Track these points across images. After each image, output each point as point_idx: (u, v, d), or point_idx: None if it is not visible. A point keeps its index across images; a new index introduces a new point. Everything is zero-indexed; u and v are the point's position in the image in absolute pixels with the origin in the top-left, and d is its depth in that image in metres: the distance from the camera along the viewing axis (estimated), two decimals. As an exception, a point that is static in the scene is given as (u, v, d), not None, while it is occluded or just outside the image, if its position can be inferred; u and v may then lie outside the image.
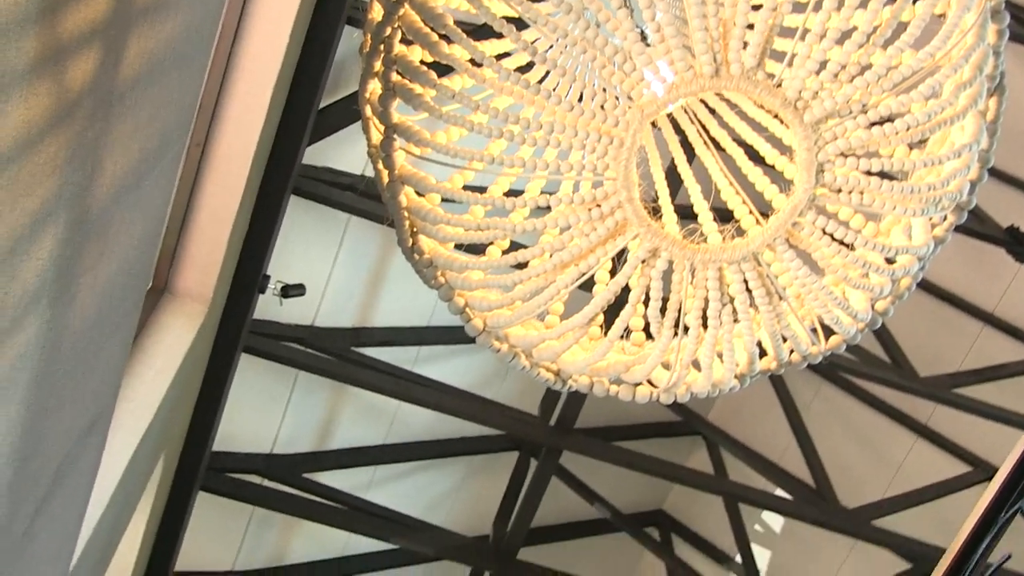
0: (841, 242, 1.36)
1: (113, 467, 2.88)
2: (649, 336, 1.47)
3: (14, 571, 1.86)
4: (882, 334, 6.13)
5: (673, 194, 1.48)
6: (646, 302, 1.38)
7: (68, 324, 1.66)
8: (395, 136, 1.34)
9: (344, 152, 5.04)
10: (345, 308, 5.68)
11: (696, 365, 1.45)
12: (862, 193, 1.31)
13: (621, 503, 7.15)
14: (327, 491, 5.84)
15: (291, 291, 4.88)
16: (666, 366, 1.45)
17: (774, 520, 7.29)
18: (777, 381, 6.62)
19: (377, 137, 1.36)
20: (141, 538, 4.26)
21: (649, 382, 1.47)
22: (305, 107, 3.95)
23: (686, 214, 1.47)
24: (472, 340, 1.46)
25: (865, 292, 1.44)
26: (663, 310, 1.38)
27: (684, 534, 7.77)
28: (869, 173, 1.32)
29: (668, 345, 1.39)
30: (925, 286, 6.30)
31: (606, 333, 1.41)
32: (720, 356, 1.44)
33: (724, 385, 1.46)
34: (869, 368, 5.98)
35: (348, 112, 4.68)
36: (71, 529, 2.32)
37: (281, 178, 4.10)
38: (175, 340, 3.64)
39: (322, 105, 4.39)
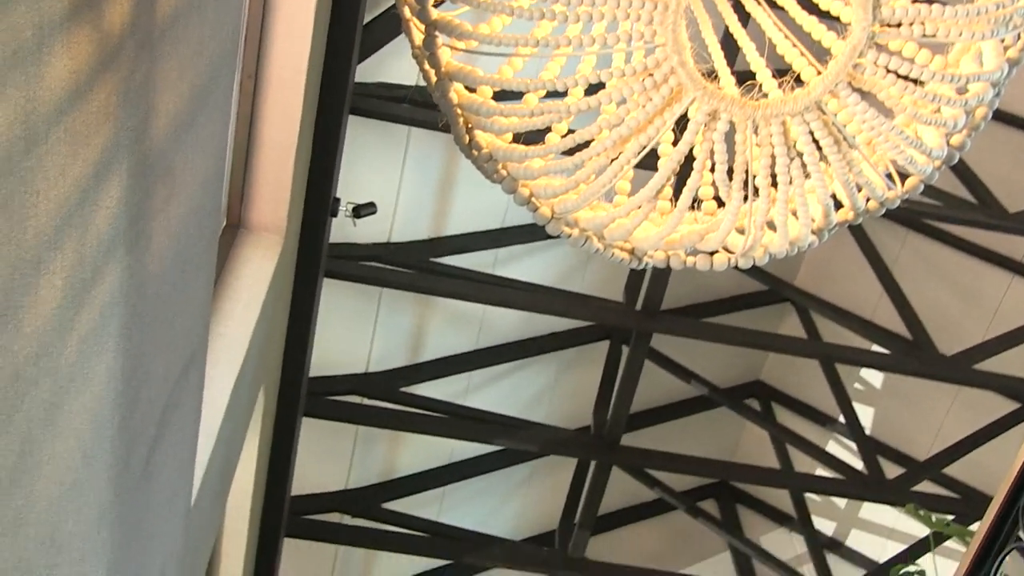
0: (907, 78, 1.30)
1: (216, 404, 2.96)
2: (720, 203, 1.45)
3: (139, 510, 1.93)
4: (964, 173, 5.96)
5: (728, 58, 1.44)
6: (712, 168, 1.35)
7: (148, 268, 1.69)
8: (437, 33, 1.32)
9: (395, 65, 5.01)
10: (418, 220, 5.71)
11: (771, 226, 1.42)
12: (923, 23, 1.25)
13: (717, 378, 7.16)
14: (426, 402, 5.95)
15: (363, 211, 4.91)
16: (741, 231, 1.42)
17: (874, 377, 7.24)
18: (861, 236, 6.50)
19: (419, 37, 1.35)
20: (255, 469, 4.40)
21: (725, 249, 1.45)
22: (350, 23, 3.92)
23: (743, 77, 1.44)
24: (548, 236, 1.45)
25: (938, 127, 1.38)
26: (730, 173, 1.35)
27: (784, 401, 7.77)
28: (930, 0, 1.26)
29: (740, 209, 1.37)
30: (1004, 116, 6.09)
31: (675, 205, 1.39)
32: (794, 213, 1.41)
33: (802, 242, 1.43)
34: (954, 211, 5.83)
35: (393, 23, 4.64)
36: (185, 466, 2.40)
37: (337, 98, 4.09)
38: (257, 274, 3.70)
39: (366, 20, 4.36)
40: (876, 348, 6.59)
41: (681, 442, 7.22)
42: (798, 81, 1.35)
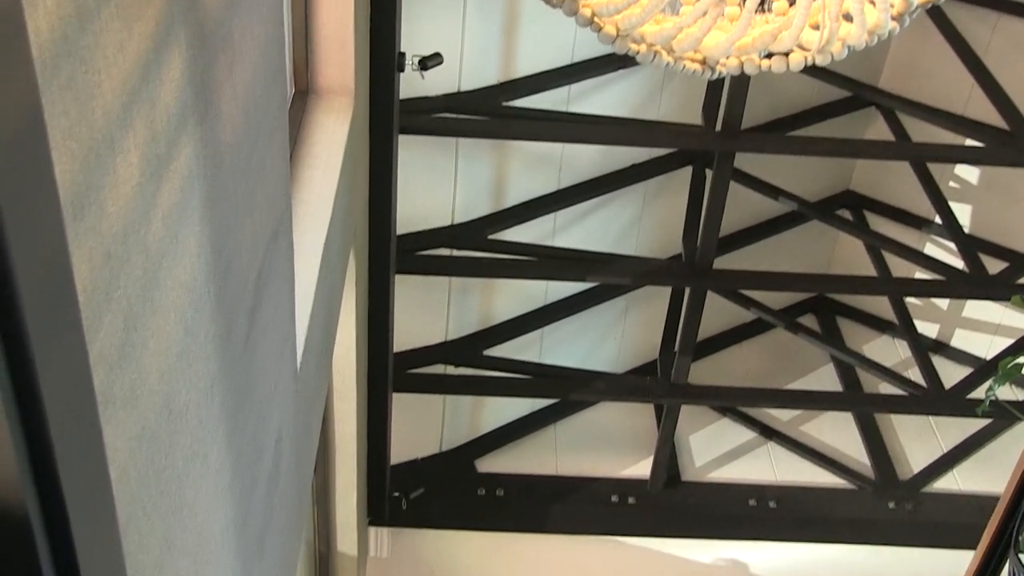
0: None
1: (308, 269, 3.01)
2: (791, 1, 1.38)
3: (247, 377, 1.99)
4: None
5: None
6: (780, -37, 1.28)
7: (221, 139, 1.69)
8: None
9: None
10: (486, 66, 5.62)
11: (847, 17, 1.35)
12: None
13: (806, 192, 7.03)
14: (515, 247, 5.98)
15: (429, 63, 4.85)
16: (815, 27, 1.36)
17: (969, 173, 7.03)
18: (946, 26, 6.20)
19: None
20: (355, 330, 4.50)
21: (800, 47, 1.39)
22: None
23: None
24: (619, 66, 1.41)
25: None
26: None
27: (876, 209, 7.61)
28: None
29: (812, 2, 1.30)
30: None
31: (743, 7, 1.33)
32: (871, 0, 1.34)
33: (881, 30, 1.36)
34: (1045, -12, 5.52)
35: None
36: (287, 331, 2.46)
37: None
38: (331, 138, 3.70)
39: None
40: (970, 142, 6.38)
41: (774, 260, 7.17)
42: None
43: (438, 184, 5.85)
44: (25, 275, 0.87)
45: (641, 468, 6.73)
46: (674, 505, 6.51)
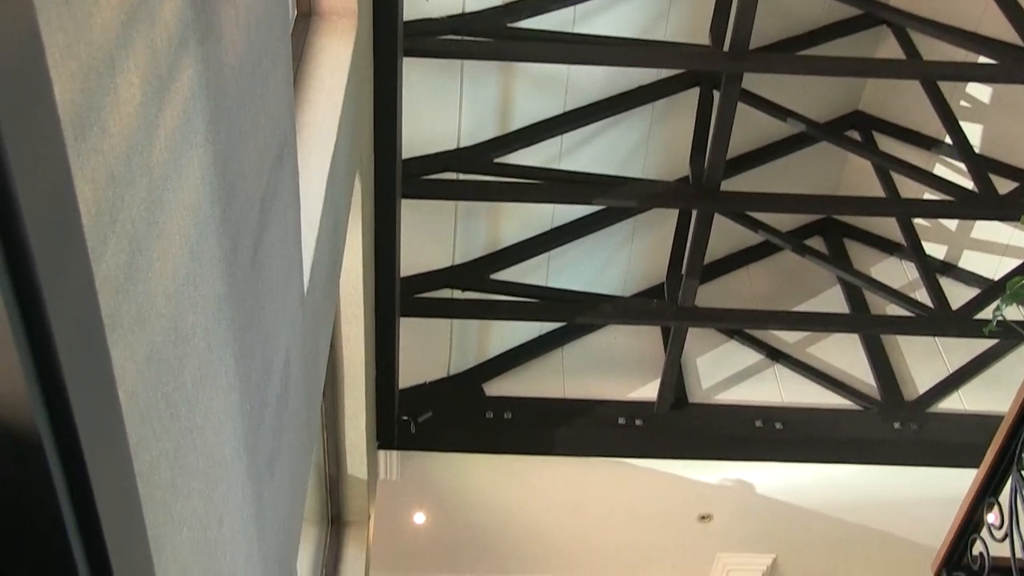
0: None
1: (313, 192, 3.00)
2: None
3: (254, 301, 1.99)
4: None
5: None
6: None
7: (224, 59, 1.67)
8: None
9: None
10: (490, -13, 5.54)
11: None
12: None
13: (814, 113, 6.96)
14: (521, 170, 5.94)
15: (432, -17, 4.77)
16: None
17: (981, 92, 6.94)
18: (959, -58, 6.08)
19: None
20: (362, 254, 4.50)
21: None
22: None
23: None
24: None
25: None
26: None
27: (886, 129, 7.54)
28: None
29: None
30: None
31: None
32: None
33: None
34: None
35: None
36: (293, 255, 2.45)
37: None
38: (335, 59, 3.66)
39: None
40: (983, 60, 6.28)
41: (782, 183, 7.13)
42: None
43: (443, 107, 5.80)
44: (28, 195, 0.86)
45: (648, 390, 6.77)
46: (681, 427, 6.56)
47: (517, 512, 6.74)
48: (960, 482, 4.03)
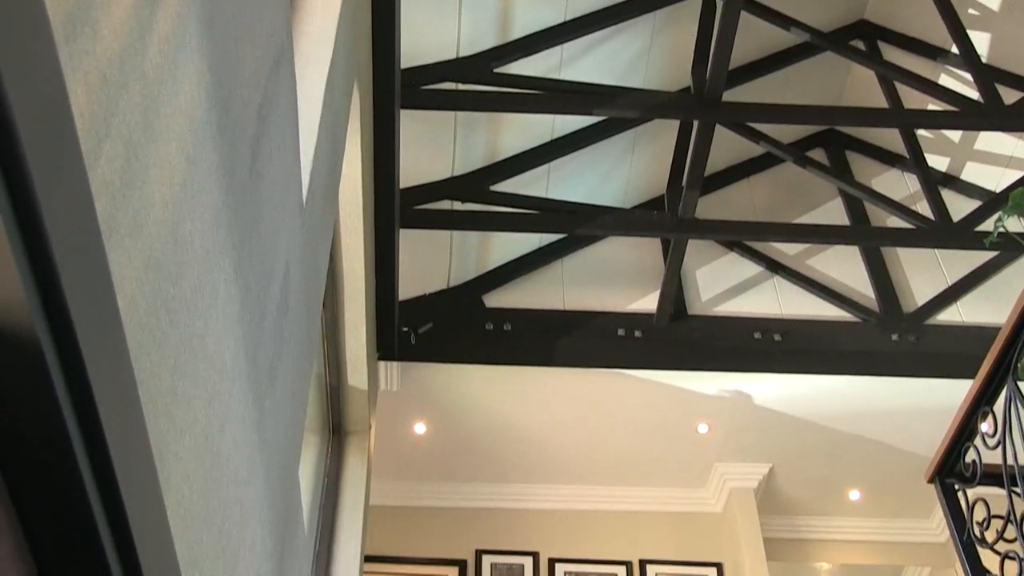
0: None
1: (312, 99, 2.96)
2: None
3: (253, 209, 1.98)
4: None
5: None
6: None
7: (216, -40, 1.63)
8: None
9: None
10: None
11: None
12: None
13: (818, 22, 6.85)
14: (521, 80, 5.87)
15: None
16: None
17: None
18: None
19: None
20: (361, 164, 4.47)
21: None
22: None
23: None
24: None
25: None
26: None
27: (891, 39, 7.43)
28: None
29: None
30: None
31: None
32: None
33: None
34: None
35: None
36: (291, 163, 2.44)
37: None
38: (332, -35, 3.58)
39: None
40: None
41: (785, 94, 7.05)
42: None
43: (442, 16, 5.71)
44: (19, 97, 0.84)
45: (648, 302, 6.79)
46: (680, 338, 6.60)
47: (516, 422, 6.81)
48: (955, 393, 4.06)
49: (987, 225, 6.21)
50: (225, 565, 1.82)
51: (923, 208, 6.80)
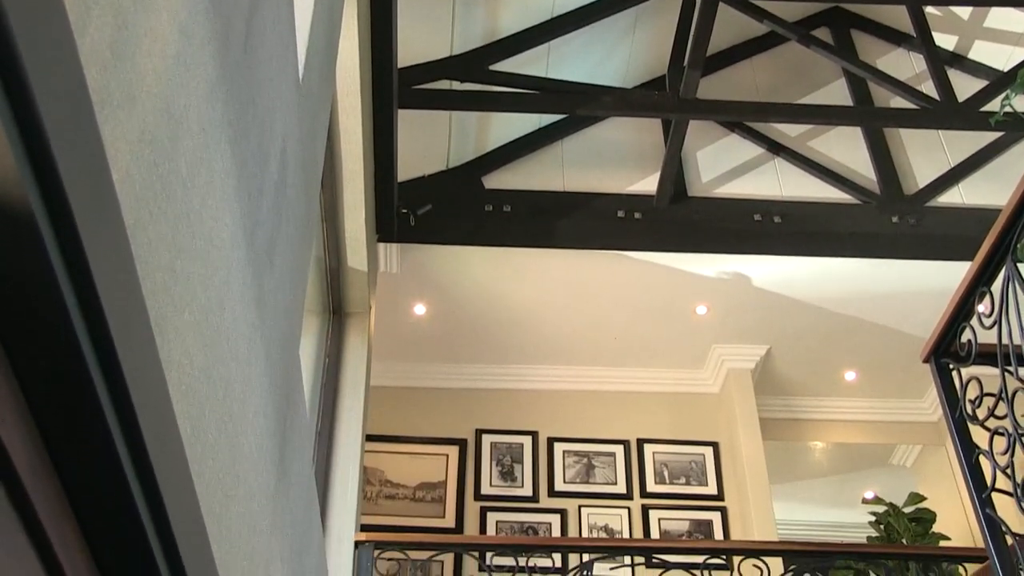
0: None
1: (306, -27, 2.89)
2: None
3: (248, 86, 1.94)
4: None
5: None
6: None
7: None
8: None
9: None
10: None
11: None
12: None
13: None
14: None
15: None
16: None
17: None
18: None
19: None
20: (358, 42, 4.39)
21: None
22: None
23: None
24: None
25: None
26: None
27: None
28: None
29: None
30: None
31: None
32: None
33: None
34: None
35: None
36: (286, 38, 2.39)
37: None
38: None
39: None
40: None
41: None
42: None
43: None
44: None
45: (648, 184, 6.76)
46: (679, 220, 6.58)
47: (515, 304, 6.84)
48: (954, 275, 4.07)
49: (993, 105, 6.14)
50: (228, 440, 1.85)
51: (928, 89, 6.71)
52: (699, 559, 4.86)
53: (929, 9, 7.12)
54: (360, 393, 5.39)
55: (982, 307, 3.45)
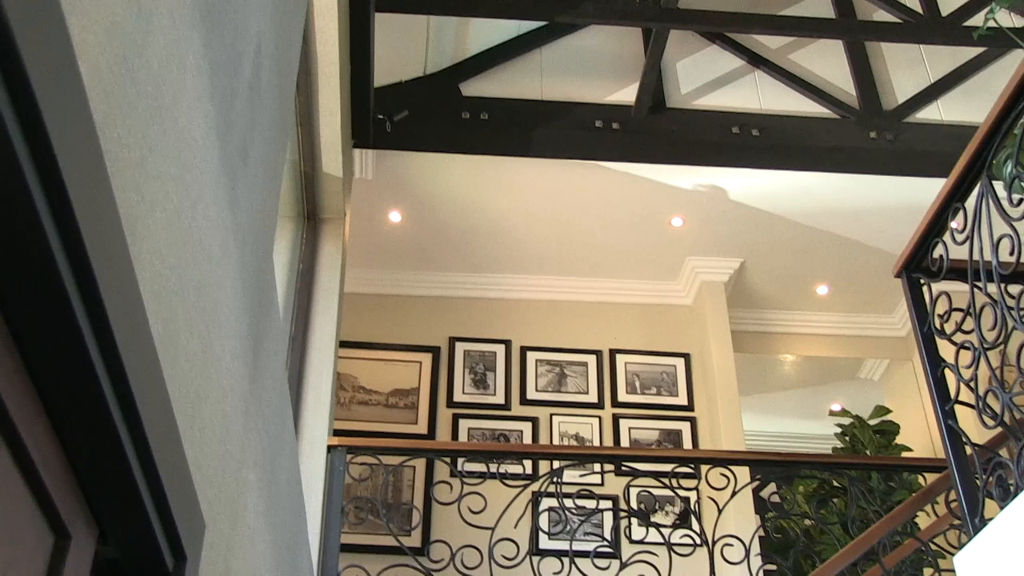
0: None
1: None
2: None
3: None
4: None
5: None
6: None
7: None
8: None
9: None
10: None
11: None
12: None
13: None
14: None
15: None
16: None
17: None
18: None
19: None
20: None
21: None
22: None
23: None
24: None
25: None
26: None
27: None
28: None
29: None
30: None
31: None
32: None
33: None
34: None
35: None
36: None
37: None
38: None
39: None
40: None
41: None
42: None
43: None
44: None
45: (626, 94, 6.70)
46: (657, 131, 6.55)
47: (491, 212, 6.82)
48: (929, 191, 4.08)
49: (977, 20, 6.09)
50: (200, 342, 1.84)
51: (912, 3, 6.65)
52: (667, 467, 4.94)
53: (916, -80, 7.01)
54: (334, 299, 5.38)
55: (955, 223, 3.47)
